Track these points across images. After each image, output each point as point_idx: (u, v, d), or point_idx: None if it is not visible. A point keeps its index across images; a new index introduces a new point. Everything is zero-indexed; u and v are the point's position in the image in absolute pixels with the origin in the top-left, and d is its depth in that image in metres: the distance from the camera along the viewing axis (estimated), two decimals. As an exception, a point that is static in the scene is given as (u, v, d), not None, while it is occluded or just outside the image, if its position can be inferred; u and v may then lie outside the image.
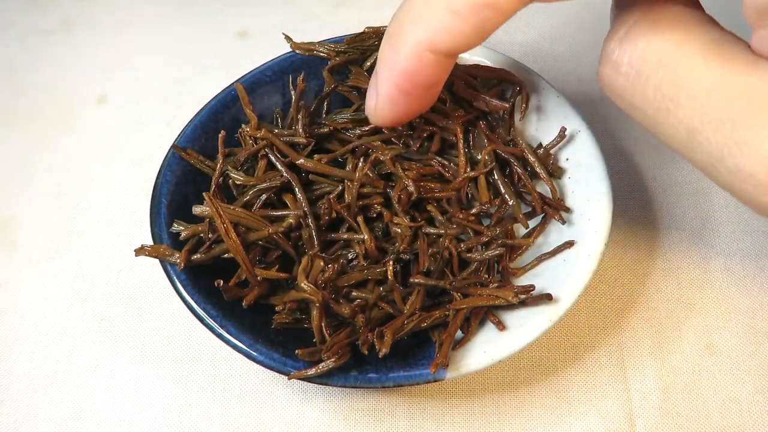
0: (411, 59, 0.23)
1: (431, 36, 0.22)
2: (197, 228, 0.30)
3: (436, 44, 0.22)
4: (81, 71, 0.44)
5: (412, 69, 0.23)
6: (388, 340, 0.27)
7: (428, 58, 0.23)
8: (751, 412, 0.30)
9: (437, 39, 0.22)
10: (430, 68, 0.23)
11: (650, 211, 0.36)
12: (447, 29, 0.22)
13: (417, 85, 0.24)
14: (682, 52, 0.20)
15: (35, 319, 0.34)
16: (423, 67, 0.23)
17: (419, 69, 0.23)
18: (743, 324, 0.33)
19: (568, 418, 0.31)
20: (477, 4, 0.21)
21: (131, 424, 0.31)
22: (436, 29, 0.22)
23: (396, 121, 0.27)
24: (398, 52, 0.23)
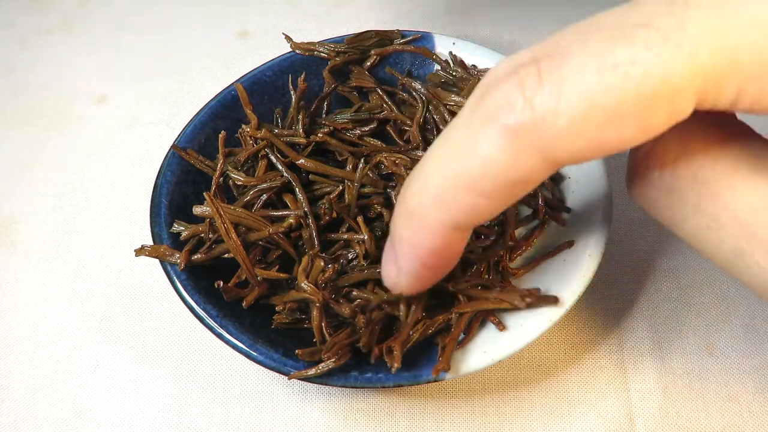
0: (436, 240, 0.22)
1: (457, 217, 0.21)
2: (197, 228, 0.30)
3: (462, 224, 0.21)
4: (81, 71, 0.44)
5: (437, 248, 0.22)
6: (398, 354, 0.27)
7: (453, 235, 0.22)
8: (751, 412, 0.30)
9: (464, 219, 0.21)
10: (455, 243, 0.22)
11: (650, 211, 0.36)
12: (474, 209, 0.20)
13: (443, 259, 0.23)
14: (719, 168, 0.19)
15: (35, 319, 0.34)
16: (448, 244, 0.22)
17: (444, 246, 0.22)
18: (743, 324, 0.33)
19: (568, 418, 0.30)
20: (507, 184, 0.19)
21: (131, 424, 0.31)
22: (462, 211, 0.20)
23: (418, 290, 0.25)
24: (422, 233, 0.22)
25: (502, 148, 0.18)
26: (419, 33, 0.37)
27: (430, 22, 0.45)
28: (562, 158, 0.18)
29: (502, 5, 0.46)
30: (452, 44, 0.36)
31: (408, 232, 0.22)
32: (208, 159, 0.33)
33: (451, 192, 0.20)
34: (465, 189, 0.20)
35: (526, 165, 0.18)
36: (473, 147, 0.19)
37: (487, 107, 0.19)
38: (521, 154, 0.18)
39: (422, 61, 0.37)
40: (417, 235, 0.22)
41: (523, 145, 0.18)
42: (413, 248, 0.22)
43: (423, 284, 0.24)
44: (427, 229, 0.21)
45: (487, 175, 0.19)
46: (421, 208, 0.21)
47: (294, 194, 0.31)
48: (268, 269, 0.30)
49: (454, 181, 0.20)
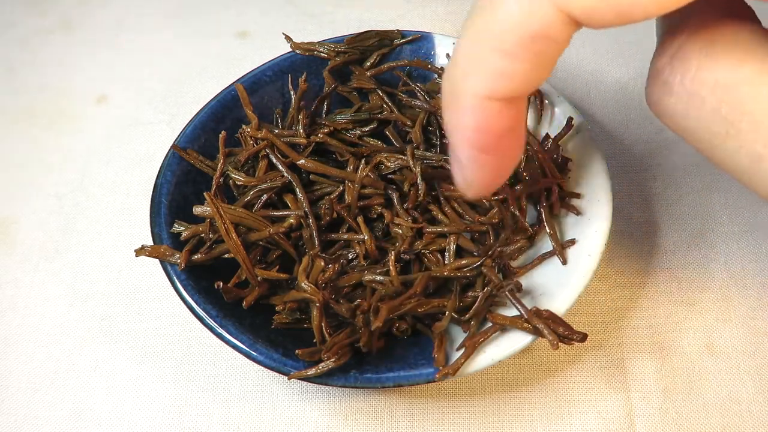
0: (474, 114, 0.20)
1: (487, 84, 0.20)
2: (198, 228, 0.30)
3: (495, 91, 0.20)
4: (81, 71, 0.44)
5: (480, 123, 0.21)
6: (382, 314, 0.27)
7: (492, 107, 0.20)
8: (751, 412, 0.30)
9: (495, 86, 0.20)
10: (498, 116, 0.21)
11: (650, 211, 0.36)
12: (502, 72, 0.19)
13: (493, 136, 0.21)
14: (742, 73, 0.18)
15: (35, 319, 0.34)
16: (491, 118, 0.21)
17: (488, 121, 0.21)
18: (743, 324, 0.33)
19: (568, 418, 0.30)
20: (527, 37, 0.18)
21: (131, 424, 0.31)
22: (490, 76, 0.19)
23: (494, 183, 0.24)
24: (460, 111, 0.21)
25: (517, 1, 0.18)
26: (419, 33, 0.37)
27: (430, 22, 0.45)
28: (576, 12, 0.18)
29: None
30: (452, 44, 0.36)
31: (450, 116, 0.21)
32: (208, 159, 0.33)
33: (476, 56, 0.19)
34: (488, 50, 0.19)
35: (540, 14, 0.18)
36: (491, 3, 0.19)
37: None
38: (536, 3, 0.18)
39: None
40: (459, 116, 0.21)
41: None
42: (461, 132, 0.21)
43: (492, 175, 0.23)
44: (465, 104, 0.20)
45: (505, 29, 0.18)
46: (454, 84, 0.21)
47: (294, 194, 0.31)
48: (268, 269, 0.30)
49: (476, 43, 0.19)
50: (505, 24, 0.18)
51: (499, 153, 0.22)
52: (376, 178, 0.32)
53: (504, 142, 0.22)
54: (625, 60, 0.43)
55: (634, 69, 0.42)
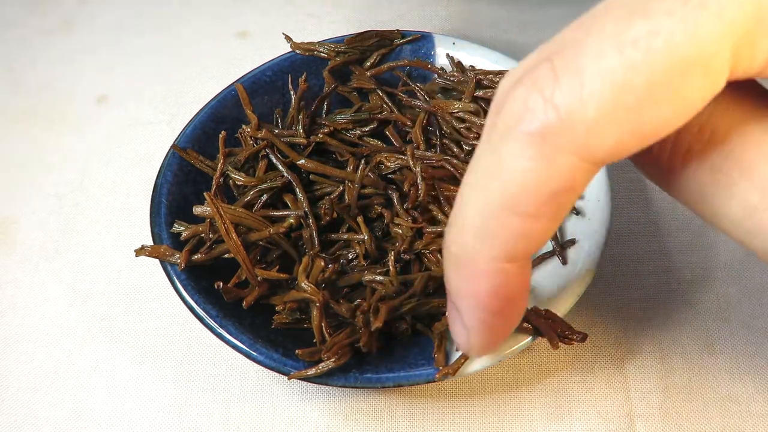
0: (492, 280, 0.19)
1: (507, 248, 0.18)
2: (198, 228, 0.30)
3: (515, 254, 0.19)
4: (81, 71, 0.44)
5: (497, 288, 0.19)
6: (382, 314, 0.27)
7: (510, 269, 0.19)
8: (751, 413, 0.30)
9: (514, 249, 0.18)
10: (515, 278, 0.19)
11: (650, 211, 0.36)
12: (522, 234, 0.18)
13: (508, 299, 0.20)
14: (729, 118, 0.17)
15: (35, 319, 0.34)
16: (508, 281, 0.19)
17: (504, 284, 0.19)
18: (743, 324, 0.33)
19: (568, 418, 0.30)
20: (549, 195, 0.17)
21: (131, 424, 0.31)
22: (510, 240, 0.18)
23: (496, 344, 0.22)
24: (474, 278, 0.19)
25: (532, 157, 0.17)
26: (419, 33, 0.37)
27: (430, 22, 0.45)
28: (601, 154, 0.16)
29: (501, 5, 0.46)
30: (452, 44, 0.36)
31: (461, 283, 0.20)
32: (208, 159, 0.33)
33: (493, 221, 0.18)
34: (506, 214, 0.18)
35: (562, 170, 0.17)
36: (501, 165, 0.17)
37: (505, 119, 0.17)
38: (555, 159, 0.16)
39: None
40: (471, 282, 0.19)
41: (554, 149, 0.16)
42: (472, 298, 0.20)
43: (497, 335, 0.21)
44: (479, 271, 0.19)
45: (525, 191, 0.17)
46: (465, 250, 0.19)
47: (294, 194, 0.31)
48: (268, 269, 0.30)
49: (492, 208, 0.18)
50: (524, 186, 0.17)
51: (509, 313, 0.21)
52: (376, 178, 0.32)
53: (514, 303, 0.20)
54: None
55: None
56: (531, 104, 0.16)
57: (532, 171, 0.17)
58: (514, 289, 0.20)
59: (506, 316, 0.20)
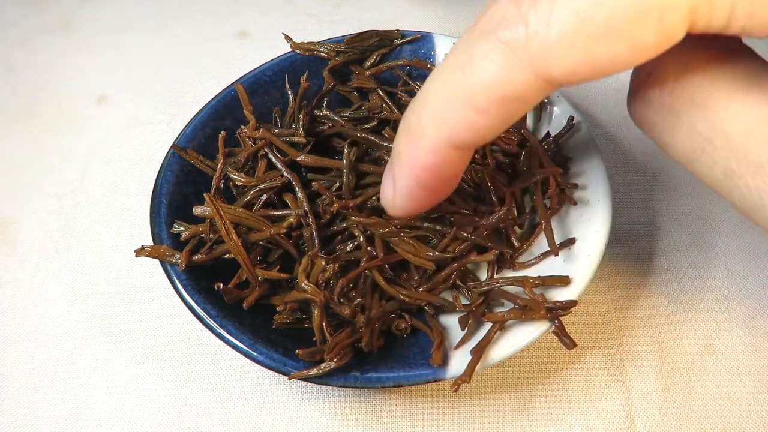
0: (432, 156, 0.22)
1: (453, 134, 0.21)
2: (198, 228, 0.30)
3: (459, 141, 0.21)
4: (81, 71, 0.44)
5: (433, 165, 0.22)
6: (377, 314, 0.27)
7: (450, 153, 0.22)
8: (751, 412, 0.30)
9: (460, 136, 0.21)
10: (452, 162, 0.22)
11: (650, 211, 0.36)
12: (470, 126, 0.20)
13: (439, 179, 0.23)
14: (716, 89, 0.19)
15: (35, 319, 0.34)
16: (445, 162, 0.22)
17: (441, 164, 0.22)
18: (743, 324, 0.33)
19: (568, 418, 0.30)
20: (501, 98, 0.19)
21: (131, 424, 0.31)
22: (458, 127, 0.20)
23: (414, 212, 0.25)
24: (418, 148, 0.22)
25: (496, 61, 0.19)
26: (419, 33, 0.37)
27: (430, 22, 0.45)
28: (555, 75, 0.18)
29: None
30: (452, 44, 0.36)
31: (406, 148, 0.22)
32: (208, 159, 0.33)
33: (448, 106, 0.20)
34: (461, 103, 0.20)
35: (519, 80, 0.19)
36: (470, 61, 0.19)
37: (485, 23, 0.19)
38: (515, 69, 0.18)
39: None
40: (414, 151, 0.22)
41: (516, 60, 0.18)
42: (410, 165, 0.22)
43: (418, 205, 0.24)
44: (424, 145, 0.21)
45: (482, 88, 0.19)
46: (419, 123, 0.21)
47: (294, 194, 0.31)
48: (269, 269, 0.30)
49: (450, 95, 0.20)
50: (481, 84, 0.19)
51: (435, 192, 0.23)
52: (374, 165, 0.32)
53: (444, 184, 0.23)
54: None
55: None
56: (509, 16, 0.18)
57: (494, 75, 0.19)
58: (447, 172, 0.22)
59: (431, 191, 0.23)
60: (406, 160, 0.22)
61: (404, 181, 0.23)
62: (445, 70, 0.21)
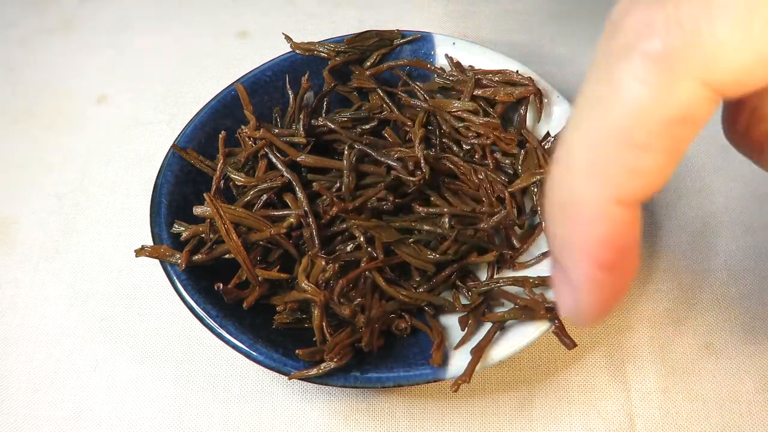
0: (602, 224, 0.17)
1: (617, 186, 0.16)
2: (198, 228, 0.30)
3: (626, 193, 0.17)
4: (81, 71, 0.44)
5: (607, 235, 0.17)
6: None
7: (621, 213, 0.17)
8: (751, 412, 0.30)
9: (627, 186, 0.16)
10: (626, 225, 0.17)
11: (650, 211, 0.36)
12: (634, 170, 0.16)
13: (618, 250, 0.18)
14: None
15: (35, 319, 0.34)
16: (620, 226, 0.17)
17: (615, 231, 0.17)
18: (743, 324, 0.33)
19: (568, 418, 0.30)
20: (665, 125, 0.15)
21: (131, 424, 0.31)
22: (620, 176, 0.16)
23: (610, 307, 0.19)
24: (582, 222, 0.17)
25: (648, 80, 0.15)
26: (419, 33, 0.37)
27: (430, 22, 0.45)
28: (726, 80, 0.15)
29: (501, 5, 0.46)
30: (452, 44, 0.36)
31: (567, 230, 0.18)
32: (208, 159, 0.33)
33: (603, 154, 0.16)
34: (616, 145, 0.16)
35: (682, 95, 0.15)
36: (613, 91, 0.16)
37: (620, 40, 0.16)
38: (674, 82, 0.15)
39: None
40: (578, 228, 0.17)
41: (674, 71, 0.15)
42: (580, 248, 0.18)
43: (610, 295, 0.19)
44: (589, 215, 0.17)
45: (638, 118, 0.15)
46: (571, 190, 0.17)
47: (294, 193, 0.31)
48: (269, 269, 0.30)
49: (602, 140, 0.16)
50: (636, 113, 0.16)
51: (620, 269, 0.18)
52: (374, 166, 0.32)
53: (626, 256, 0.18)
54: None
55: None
56: (651, 22, 0.15)
57: (648, 98, 0.15)
58: (627, 239, 0.18)
59: (619, 271, 0.18)
60: (573, 244, 0.18)
61: (582, 271, 0.18)
62: (582, 113, 0.17)
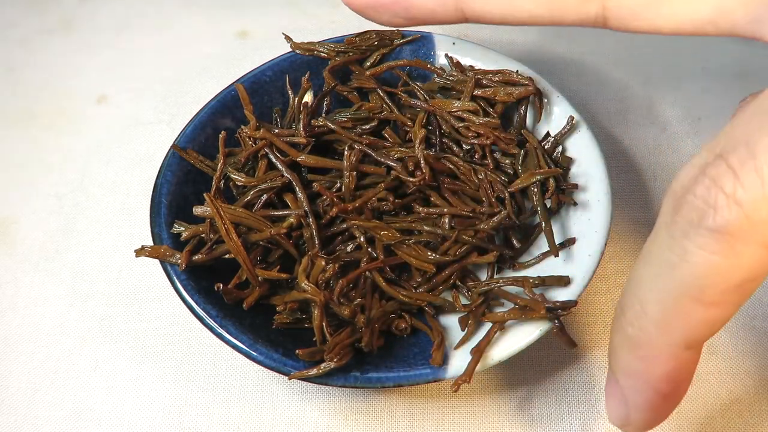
0: (669, 365, 0.20)
1: (688, 335, 0.19)
2: (198, 228, 0.30)
3: (695, 341, 0.20)
4: (81, 71, 0.44)
5: (671, 372, 0.20)
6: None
7: (687, 356, 0.20)
8: (752, 412, 0.30)
9: (694, 336, 0.19)
10: (689, 363, 0.21)
11: (650, 211, 0.36)
12: (704, 321, 0.19)
13: (678, 384, 0.21)
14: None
15: (35, 319, 0.34)
16: (682, 366, 0.20)
17: (679, 370, 0.20)
18: (743, 324, 0.33)
19: (568, 418, 0.30)
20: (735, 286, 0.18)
21: (131, 424, 0.31)
22: (691, 327, 0.19)
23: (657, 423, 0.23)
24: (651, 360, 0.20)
25: (718, 251, 0.18)
26: (419, 33, 0.37)
27: (430, 22, 0.45)
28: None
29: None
30: (452, 44, 0.36)
31: (635, 363, 0.21)
32: (208, 159, 0.33)
33: (676, 310, 0.19)
34: (690, 304, 0.19)
35: (749, 261, 0.18)
36: (684, 260, 0.18)
37: (687, 216, 0.18)
38: (741, 253, 0.18)
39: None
40: (647, 365, 0.20)
41: (740, 243, 0.17)
42: (645, 380, 0.21)
43: (659, 415, 0.22)
44: (658, 356, 0.20)
45: (710, 282, 0.18)
46: (644, 334, 0.20)
47: (294, 193, 0.31)
48: (269, 269, 0.30)
49: (675, 298, 0.19)
50: (709, 279, 0.18)
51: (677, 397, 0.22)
52: (375, 165, 0.32)
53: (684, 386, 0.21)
54: (626, 60, 0.43)
55: (635, 69, 0.42)
56: (713, 201, 0.18)
57: (719, 266, 0.18)
58: (687, 374, 0.21)
59: (672, 398, 0.21)
60: (640, 376, 0.21)
61: (642, 396, 0.21)
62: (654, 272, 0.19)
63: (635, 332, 0.20)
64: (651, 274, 0.20)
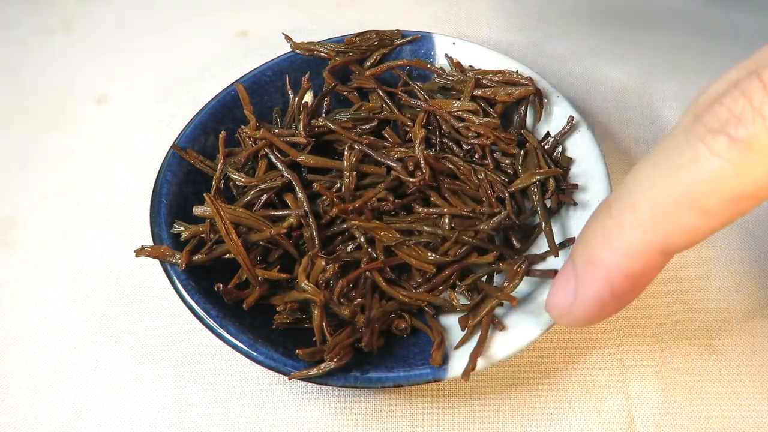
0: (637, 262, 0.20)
1: (669, 239, 0.19)
2: (198, 228, 0.30)
3: (671, 245, 0.19)
4: (81, 71, 0.44)
5: (635, 272, 0.20)
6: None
7: (657, 260, 0.20)
8: (752, 413, 0.30)
9: (675, 240, 0.19)
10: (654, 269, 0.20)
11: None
12: (691, 229, 0.19)
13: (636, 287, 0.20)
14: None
15: (35, 319, 0.34)
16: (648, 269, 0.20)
17: (644, 271, 0.20)
18: (743, 324, 0.33)
19: (568, 418, 0.30)
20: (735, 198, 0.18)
21: (131, 424, 0.31)
22: (676, 233, 0.19)
23: (595, 322, 0.22)
24: (620, 253, 0.20)
25: (731, 159, 0.17)
26: (419, 33, 0.37)
27: (430, 22, 0.45)
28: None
29: (501, 6, 0.46)
30: (452, 44, 0.36)
31: (603, 252, 0.20)
32: (208, 159, 0.33)
33: (668, 210, 0.19)
34: (684, 207, 0.18)
35: (757, 175, 0.18)
36: (694, 162, 0.18)
37: (708, 123, 0.18)
38: (753, 164, 0.17)
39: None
40: (614, 257, 0.20)
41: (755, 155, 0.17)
42: (606, 272, 0.20)
43: (603, 314, 0.21)
44: (629, 251, 0.19)
45: (714, 188, 0.18)
46: (625, 228, 0.19)
47: (294, 194, 0.31)
48: (269, 269, 0.30)
49: (671, 198, 0.18)
50: (714, 184, 0.18)
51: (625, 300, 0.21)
52: (375, 165, 0.32)
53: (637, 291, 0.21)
54: (626, 60, 0.43)
55: (635, 69, 0.42)
56: (738, 112, 0.17)
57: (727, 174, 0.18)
58: (645, 280, 0.20)
59: (621, 299, 0.21)
60: (602, 266, 0.20)
61: (594, 288, 0.21)
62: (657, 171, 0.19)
63: (614, 225, 0.20)
64: (653, 174, 0.19)
